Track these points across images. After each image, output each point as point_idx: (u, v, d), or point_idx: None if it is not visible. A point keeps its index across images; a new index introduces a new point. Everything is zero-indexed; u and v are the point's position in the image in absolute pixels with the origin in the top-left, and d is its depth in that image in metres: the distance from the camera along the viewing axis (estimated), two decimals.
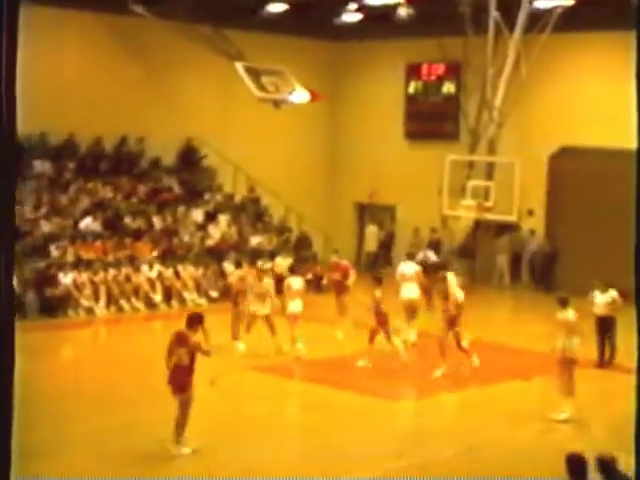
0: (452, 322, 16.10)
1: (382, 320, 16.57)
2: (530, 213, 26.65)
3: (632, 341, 5.89)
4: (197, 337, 11.10)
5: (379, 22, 26.81)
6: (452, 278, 16.91)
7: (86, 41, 25.25)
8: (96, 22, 25.21)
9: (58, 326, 19.91)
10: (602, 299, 16.74)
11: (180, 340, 10.95)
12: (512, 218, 25.35)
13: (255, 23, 26.61)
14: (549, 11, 24.41)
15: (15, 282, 19.96)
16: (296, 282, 17.76)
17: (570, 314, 13.60)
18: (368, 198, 30.53)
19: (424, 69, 29.16)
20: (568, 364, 13.43)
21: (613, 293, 16.67)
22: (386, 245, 30.00)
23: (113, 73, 25.63)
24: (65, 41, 24.67)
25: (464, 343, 16.25)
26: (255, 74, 23.10)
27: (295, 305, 17.41)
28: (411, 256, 20.27)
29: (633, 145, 5.25)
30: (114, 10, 24.56)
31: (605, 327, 16.78)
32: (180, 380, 10.91)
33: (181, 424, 11.01)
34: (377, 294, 16.58)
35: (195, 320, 11.12)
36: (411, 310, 18.38)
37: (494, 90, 26.19)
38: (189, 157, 27.66)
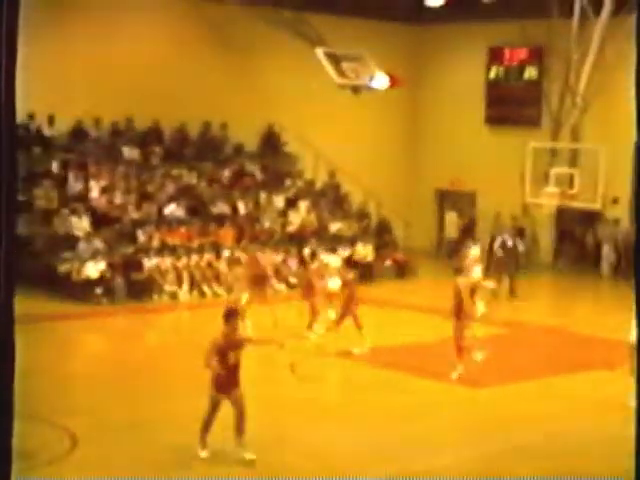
0: (456, 309, 14.68)
1: (351, 303, 16.23)
2: (615, 201, 26.21)
3: None
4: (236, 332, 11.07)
5: (461, 5, 26.59)
6: (474, 252, 16.95)
7: (170, 27, 25.61)
8: (180, 8, 25.57)
9: (143, 310, 20.36)
10: None
11: (236, 345, 10.93)
12: (596, 206, 24.91)
13: (336, 7, 26.65)
14: None
15: (105, 267, 20.46)
16: (333, 261, 18.09)
17: None
18: (449, 185, 30.34)
19: (506, 54, 28.82)
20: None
21: None
22: (467, 232, 29.77)
23: (196, 59, 25.95)
24: (150, 28, 25.08)
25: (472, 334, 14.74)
26: (335, 60, 23.13)
27: (332, 283, 17.65)
28: (477, 241, 21.78)
29: None
30: None
31: None
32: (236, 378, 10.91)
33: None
34: (349, 276, 16.51)
35: (232, 314, 11.12)
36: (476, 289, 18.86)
37: (578, 75, 25.77)
38: (271, 143, 27.86)
